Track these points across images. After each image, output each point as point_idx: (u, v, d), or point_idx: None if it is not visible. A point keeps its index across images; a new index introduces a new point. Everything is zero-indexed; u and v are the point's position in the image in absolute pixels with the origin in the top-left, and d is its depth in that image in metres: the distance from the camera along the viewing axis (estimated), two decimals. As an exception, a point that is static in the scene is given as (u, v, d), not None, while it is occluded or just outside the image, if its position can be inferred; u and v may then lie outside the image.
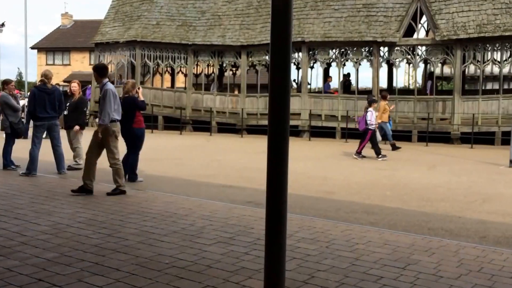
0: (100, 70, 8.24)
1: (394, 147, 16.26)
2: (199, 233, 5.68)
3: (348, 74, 24.83)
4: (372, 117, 14.07)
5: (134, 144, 9.61)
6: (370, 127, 14.04)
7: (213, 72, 27.50)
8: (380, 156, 14.12)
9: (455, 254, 5.13)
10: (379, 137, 15.05)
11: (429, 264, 4.78)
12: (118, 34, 25.48)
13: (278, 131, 3.91)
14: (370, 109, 14.22)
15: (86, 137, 10.10)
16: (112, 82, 26.12)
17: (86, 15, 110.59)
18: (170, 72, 28.96)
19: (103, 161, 8.30)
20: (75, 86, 11.33)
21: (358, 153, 14.25)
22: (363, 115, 14.54)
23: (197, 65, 26.22)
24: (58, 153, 10.21)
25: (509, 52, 19.94)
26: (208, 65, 26.38)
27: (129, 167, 9.32)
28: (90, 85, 25.91)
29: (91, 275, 4.24)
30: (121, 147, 8.57)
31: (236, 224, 6.13)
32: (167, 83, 30.80)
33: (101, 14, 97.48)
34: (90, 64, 40.39)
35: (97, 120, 8.57)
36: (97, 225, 5.93)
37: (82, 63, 45.32)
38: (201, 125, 23.77)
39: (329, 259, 4.85)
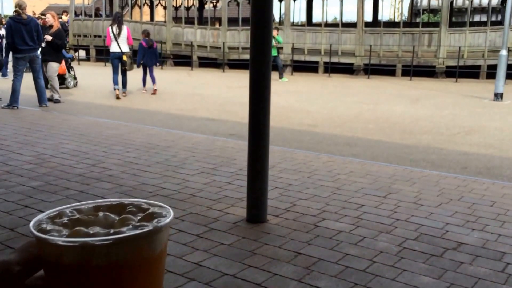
0: None
1: None
2: (182, 164, 5.67)
3: None
4: None
5: None
6: None
7: (193, 4, 26.80)
8: None
9: (436, 184, 5.21)
10: None
11: (410, 193, 4.85)
12: (95, -36, 24.52)
13: (260, 64, 3.86)
14: None
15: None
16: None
17: None
18: (149, 4, 28.14)
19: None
20: (49, 17, 10.99)
21: None
22: None
23: (177, -3, 25.49)
24: (39, 85, 10.00)
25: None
26: (188, -3, 25.69)
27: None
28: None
29: (76, 202, 4.22)
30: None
31: (218, 156, 6.13)
32: (146, 17, 29.97)
33: None
34: (67, -4, 38.92)
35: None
36: (80, 156, 5.89)
37: (59, -5, 43.67)
38: (182, 60, 23.36)
39: (311, 189, 4.89)
